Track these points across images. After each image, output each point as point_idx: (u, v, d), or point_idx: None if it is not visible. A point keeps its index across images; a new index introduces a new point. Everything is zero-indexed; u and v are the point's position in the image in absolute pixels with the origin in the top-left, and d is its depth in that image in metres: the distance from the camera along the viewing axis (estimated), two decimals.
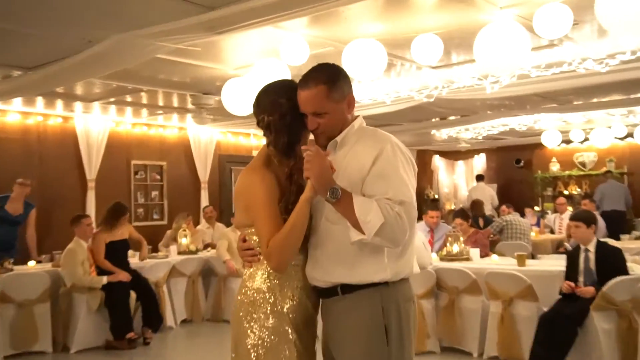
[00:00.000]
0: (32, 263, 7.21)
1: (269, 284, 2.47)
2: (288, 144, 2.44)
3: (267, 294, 2.45)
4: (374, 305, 2.33)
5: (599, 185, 11.93)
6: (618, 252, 5.31)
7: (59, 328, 6.66)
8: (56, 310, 6.68)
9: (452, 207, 14.66)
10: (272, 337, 2.42)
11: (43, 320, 6.49)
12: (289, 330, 2.42)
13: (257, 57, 5.77)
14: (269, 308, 2.44)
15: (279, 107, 2.44)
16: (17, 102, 8.30)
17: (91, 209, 9.27)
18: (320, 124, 2.40)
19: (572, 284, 5.16)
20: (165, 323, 7.37)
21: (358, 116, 2.54)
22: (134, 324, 6.82)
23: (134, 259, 7.46)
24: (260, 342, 2.42)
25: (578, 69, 6.10)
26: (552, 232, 10.84)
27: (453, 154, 16.29)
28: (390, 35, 5.33)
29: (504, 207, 10.45)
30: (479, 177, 14.08)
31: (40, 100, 8.23)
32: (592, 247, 5.29)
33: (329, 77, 2.40)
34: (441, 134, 12.54)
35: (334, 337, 2.46)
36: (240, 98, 5.90)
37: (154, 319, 7.02)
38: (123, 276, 6.72)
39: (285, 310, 2.44)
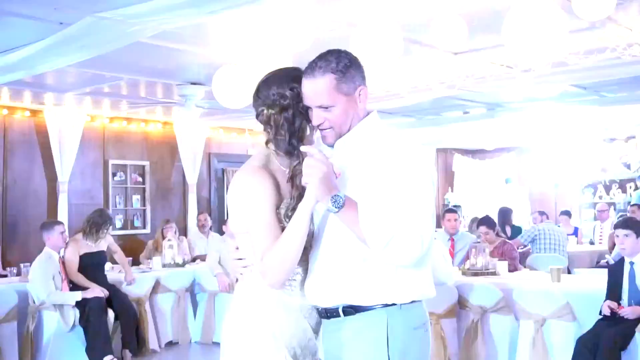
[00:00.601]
0: None
1: (261, 301, 2.46)
2: (289, 142, 2.43)
3: (259, 312, 2.45)
4: (378, 331, 2.33)
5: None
6: None
7: (27, 351, 6.66)
8: (24, 330, 6.68)
9: (477, 214, 14.63)
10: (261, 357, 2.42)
11: (9, 342, 6.51)
12: (284, 355, 2.41)
13: (253, 42, 5.77)
14: (261, 328, 2.44)
15: (281, 99, 2.43)
16: None
17: (63, 214, 9.27)
18: (327, 120, 2.40)
19: (614, 305, 5.14)
20: (148, 346, 7.39)
21: (371, 112, 2.51)
22: (113, 346, 6.82)
23: (112, 273, 7.48)
24: None
25: (623, 55, 6.07)
26: (591, 242, 10.83)
27: (478, 153, 16.27)
28: (406, 17, 5.33)
29: (536, 214, 10.44)
30: (509, 181, 14.07)
31: (5, 92, 8.25)
32: (638, 260, 5.28)
33: (338, 65, 2.38)
34: (464, 131, 12.52)
35: None
36: (234, 88, 5.89)
37: (133, 341, 7.02)
38: (98, 291, 6.73)
39: (279, 330, 2.42)
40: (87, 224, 7.05)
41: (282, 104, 2.43)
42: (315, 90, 2.37)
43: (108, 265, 7.46)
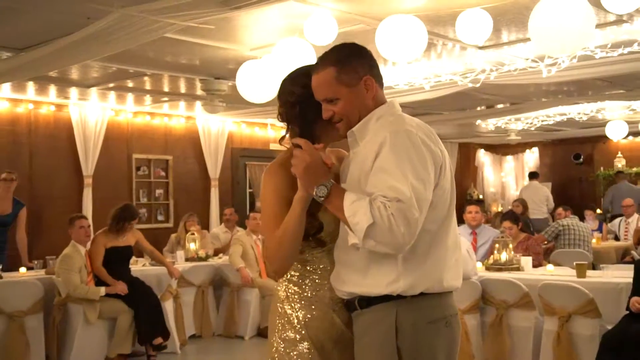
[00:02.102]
0: (23, 270, 7.31)
1: (288, 292, 2.53)
2: (301, 137, 2.44)
3: (285, 304, 2.52)
4: (387, 324, 2.27)
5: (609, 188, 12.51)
6: None
7: (53, 343, 6.74)
8: (50, 322, 6.76)
9: (500, 209, 14.57)
10: (289, 351, 2.46)
11: (35, 334, 6.58)
12: (307, 346, 2.44)
13: (277, 36, 5.79)
14: (286, 319, 2.50)
15: (290, 97, 2.50)
16: (6, 88, 8.41)
17: (88, 208, 9.40)
18: (335, 112, 2.39)
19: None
20: (172, 339, 7.42)
21: (386, 102, 2.45)
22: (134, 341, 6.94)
23: (136, 266, 7.53)
24: (277, 356, 2.49)
25: None
26: (616, 238, 10.73)
27: (501, 148, 16.21)
28: (431, 11, 5.31)
29: (560, 209, 10.35)
30: (532, 175, 13.95)
31: (31, 86, 8.33)
32: None
33: (339, 57, 2.38)
34: (488, 125, 12.47)
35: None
36: (257, 83, 5.90)
37: (157, 334, 7.09)
38: (121, 288, 6.79)
39: (303, 322, 2.47)
40: (113, 218, 7.06)
41: (291, 101, 2.49)
42: (319, 83, 2.39)
43: (132, 259, 7.48)
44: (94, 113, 9.64)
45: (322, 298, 2.48)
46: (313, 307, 2.48)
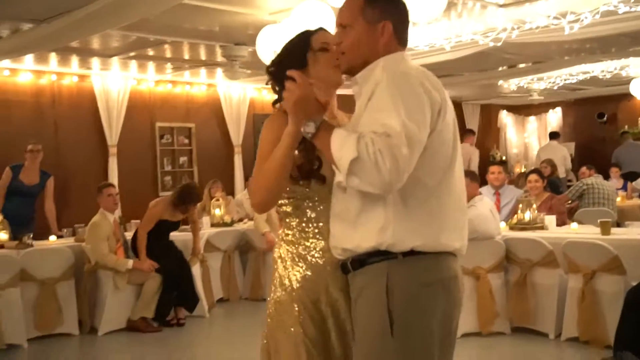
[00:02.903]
0: (53, 238, 7.38)
1: (282, 253, 2.47)
2: (280, 93, 2.45)
3: (279, 264, 2.46)
4: (379, 286, 2.12)
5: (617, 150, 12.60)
6: None
7: (84, 308, 6.87)
8: (81, 288, 6.87)
9: (523, 170, 14.47)
10: (277, 311, 2.42)
11: (67, 300, 6.70)
12: (297, 308, 2.36)
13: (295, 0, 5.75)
14: (279, 280, 2.45)
15: (277, 56, 2.54)
16: (29, 60, 8.45)
17: (114, 177, 9.50)
18: (343, 42, 2.32)
19: None
20: (201, 303, 7.47)
21: (395, 53, 2.30)
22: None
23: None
24: (270, 315, 2.46)
25: None
26: None
27: (524, 109, 16.05)
28: None
29: (584, 168, 10.26)
30: (553, 135, 13.83)
31: (53, 57, 8.36)
32: None
33: None
34: (510, 85, 12.36)
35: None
36: (278, 47, 5.88)
37: (189, 298, 7.20)
38: (146, 268, 6.85)
39: (296, 284, 2.39)
40: (179, 196, 7.07)
41: (278, 60, 2.52)
42: (343, 5, 2.35)
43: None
44: (116, 83, 9.68)
45: (317, 259, 2.39)
46: (307, 268, 2.39)
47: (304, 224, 2.42)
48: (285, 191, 2.36)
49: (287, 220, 2.46)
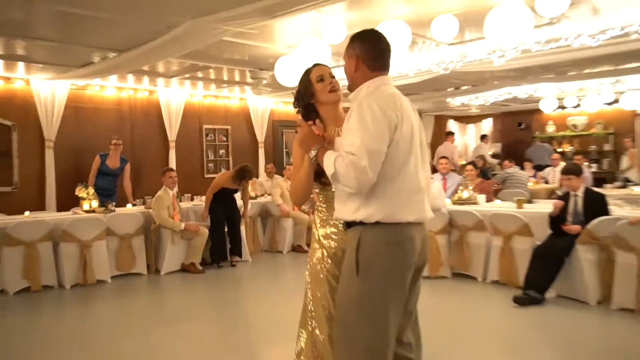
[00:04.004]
0: (129, 206, 7.45)
1: (315, 217, 2.58)
2: (303, 111, 2.54)
3: (313, 225, 2.58)
4: (355, 241, 2.19)
5: (528, 149, 12.67)
6: (602, 197, 5.21)
7: (151, 255, 6.91)
8: (148, 242, 6.91)
9: (464, 162, 14.43)
10: (312, 256, 2.52)
11: (139, 249, 6.77)
12: (322, 252, 2.47)
13: (303, 38, 5.73)
14: (314, 237, 2.56)
15: (296, 93, 2.58)
16: (113, 79, 8.44)
17: (172, 163, 9.46)
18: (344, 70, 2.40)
19: (562, 203, 5.17)
20: (245, 252, 7.54)
21: (375, 78, 2.28)
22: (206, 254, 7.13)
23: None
24: (308, 260, 2.56)
25: (573, 43, 5.87)
26: (546, 182, 10.65)
27: (465, 119, 15.97)
28: (413, 17, 5.22)
29: (506, 162, 10.25)
30: (482, 137, 13.95)
31: (130, 77, 8.36)
32: (580, 193, 5.21)
33: (355, 34, 2.37)
34: (455, 102, 12.31)
35: None
36: (290, 72, 5.86)
37: (239, 249, 7.27)
38: (194, 231, 6.83)
39: (322, 236, 2.50)
40: (238, 173, 7.04)
41: (297, 95, 2.57)
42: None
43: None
44: (174, 96, 9.63)
45: (335, 221, 2.47)
46: (329, 226, 2.49)
47: (328, 200, 2.51)
48: (314, 191, 2.52)
49: (319, 202, 2.57)
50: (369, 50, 2.29)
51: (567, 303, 4.97)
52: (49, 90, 8.13)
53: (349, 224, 2.26)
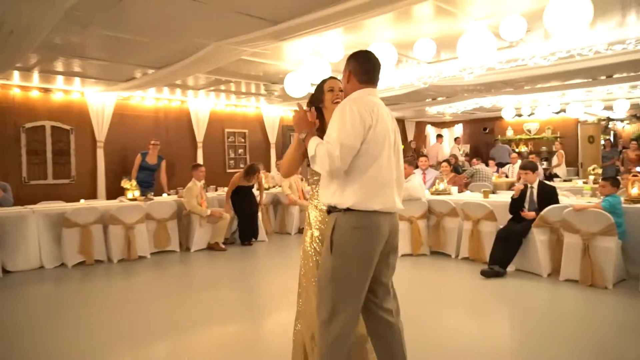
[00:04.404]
0: (165, 195, 7.43)
1: (309, 203, 2.53)
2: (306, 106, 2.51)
3: (307, 210, 2.53)
4: (331, 225, 2.15)
5: (492, 149, 12.59)
6: (553, 189, 5.19)
7: (183, 236, 6.89)
8: (181, 224, 6.89)
9: (439, 159, 14.39)
10: (305, 237, 2.47)
11: (173, 231, 6.73)
12: (312, 232, 2.44)
13: (307, 56, 5.70)
14: (307, 220, 2.50)
15: (311, 97, 2.56)
16: (151, 91, 8.41)
17: (200, 161, 9.44)
18: None
19: (522, 187, 5.16)
20: (262, 233, 7.51)
21: (361, 90, 2.22)
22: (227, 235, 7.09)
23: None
24: (303, 242, 2.50)
25: (529, 63, 5.84)
26: (507, 177, 10.61)
27: (440, 124, 15.92)
28: (399, 40, 5.19)
29: (474, 160, 10.20)
30: (455, 140, 13.95)
31: (166, 90, 8.33)
32: (535, 185, 5.19)
33: (351, 54, 2.33)
34: (432, 110, 12.27)
35: None
36: (297, 85, 5.85)
37: (255, 232, 7.23)
38: (217, 214, 6.77)
39: (313, 219, 2.45)
40: (245, 172, 7.03)
41: (311, 98, 2.55)
42: None
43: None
44: (202, 105, 9.59)
45: (323, 208, 2.41)
46: (318, 210, 2.45)
47: (318, 192, 2.47)
48: (299, 171, 2.46)
49: (313, 190, 2.51)
50: (359, 66, 2.26)
51: (524, 275, 4.96)
52: (100, 100, 8.11)
53: (329, 210, 2.21)
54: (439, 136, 13.27)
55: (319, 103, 2.49)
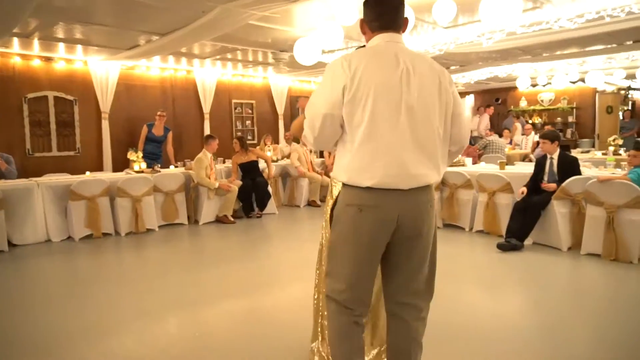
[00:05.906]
0: (172, 167, 7.32)
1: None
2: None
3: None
4: (335, 199, 1.98)
5: (505, 120, 12.28)
6: (575, 160, 4.99)
7: (191, 208, 6.81)
8: (189, 197, 6.80)
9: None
10: (327, 206, 2.38)
11: (181, 204, 6.66)
12: (333, 203, 2.30)
13: (319, 21, 5.43)
14: (330, 190, 2.40)
15: None
16: (157, 60, 8.19)
17: (207, 132, 9.28)
18: None
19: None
20: (272, 205, 7.44)
21: (373, 39, 1.91)
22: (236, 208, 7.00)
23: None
24: (325, 210, 2.42)
25: (553, 26, 5.52)
26: (520, 148, 10.38)
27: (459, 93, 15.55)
28: (416, 2, 4.89)
29: (487, 131, 9.99)
30: (477, 109, 13.58)
31: (171, 59, 8.08)
32: (555, 156, 4.98)
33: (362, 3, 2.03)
34: None
35: None
36: (307, 53, 5.59)
37: (261, 204, 7.15)
38: (225, 187, 6.69)
39: (333, 190, 2.32)
40: (239, 146, 6.97)
41: None
42: None
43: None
44: (208, 75, 9.36)
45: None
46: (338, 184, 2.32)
47: None
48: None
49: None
50: (368, 14, 1.96)
51: (542, 249, 4.82)
52: (104, 70, 7.90)
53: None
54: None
55: None
